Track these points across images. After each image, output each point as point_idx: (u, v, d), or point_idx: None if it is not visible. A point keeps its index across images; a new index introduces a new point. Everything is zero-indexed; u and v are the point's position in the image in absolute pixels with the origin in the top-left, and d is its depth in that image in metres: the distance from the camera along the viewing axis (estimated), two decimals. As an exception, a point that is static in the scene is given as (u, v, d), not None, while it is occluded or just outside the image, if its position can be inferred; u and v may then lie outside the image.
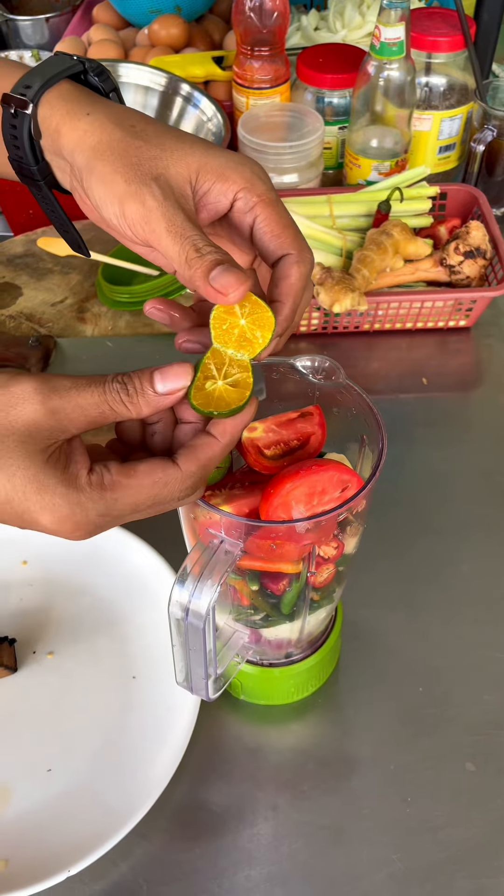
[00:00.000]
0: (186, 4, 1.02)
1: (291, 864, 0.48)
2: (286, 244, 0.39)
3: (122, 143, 0.39)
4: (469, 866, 0.48)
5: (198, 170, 0.39)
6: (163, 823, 0.49)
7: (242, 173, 0.39)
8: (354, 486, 0.40)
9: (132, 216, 0.38)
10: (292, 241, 0.39)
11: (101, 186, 0.39)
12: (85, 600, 0.58)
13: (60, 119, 0.41)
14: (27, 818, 0.49)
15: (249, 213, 0.39)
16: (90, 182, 0.39)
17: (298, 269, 0.38)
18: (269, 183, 0.40)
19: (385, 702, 0.55)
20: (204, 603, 0.38)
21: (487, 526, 0.65)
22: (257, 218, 0.39)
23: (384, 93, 0.82)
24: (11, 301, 0.77)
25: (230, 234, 0.41)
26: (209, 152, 0.39)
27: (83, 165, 0.39)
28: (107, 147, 0.39)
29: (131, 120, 0.40)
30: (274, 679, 0.52)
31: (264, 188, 0.39)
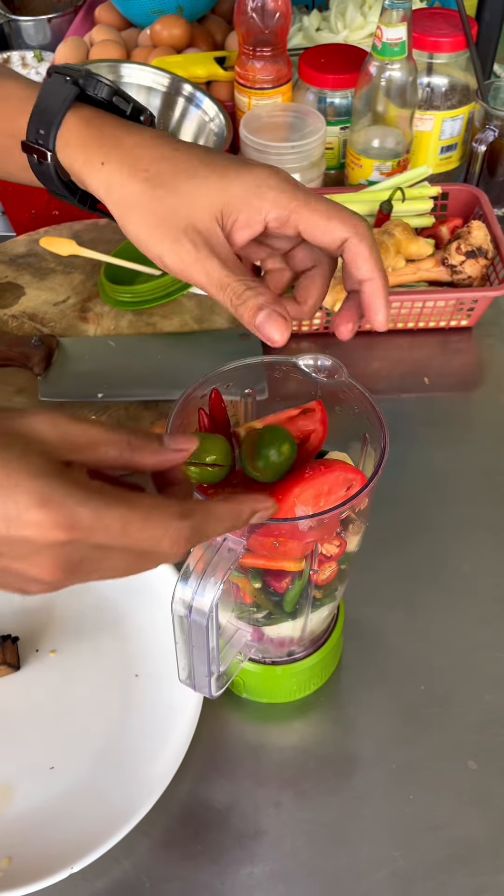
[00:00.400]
0: (188, 5, 1.02)
1: (294, 862, 0.48)
2: (339, 229, 0.40)
3: (142, 198, 0.40)
4: (470, 864, 0.48)
5: (221, 208, 0.40)
6: (165, 821, 0.49)
7: (265, 195, 0.40)
8: (358, 484, 0.40)
9: (173, 267, 0.40)
10: (343, 223, 0.40)
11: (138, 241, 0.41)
12: (88, 599, 0.59)
13: (80, 168, 0.42)
14: (30, 815, 0.49)
15: (288, 225, 0.40)
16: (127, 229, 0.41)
17: (366, 245, 0.40)
18: (292, 183, 0.40)
19: (387, 700, 0.55)
20: (207, 600, 0.38)
21: (489, 525, 0.65)
22: (300, 223, 0.40)
23: (386, 93, 0.82)
24: (14, 300, 0.78)
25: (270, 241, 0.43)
26: (225, 184, 0.40)
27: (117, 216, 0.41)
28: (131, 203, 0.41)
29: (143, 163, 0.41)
30: (276, 677, 0.52)
31: (290, 196, 0.40)
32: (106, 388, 0.69)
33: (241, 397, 0.49)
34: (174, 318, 0.76)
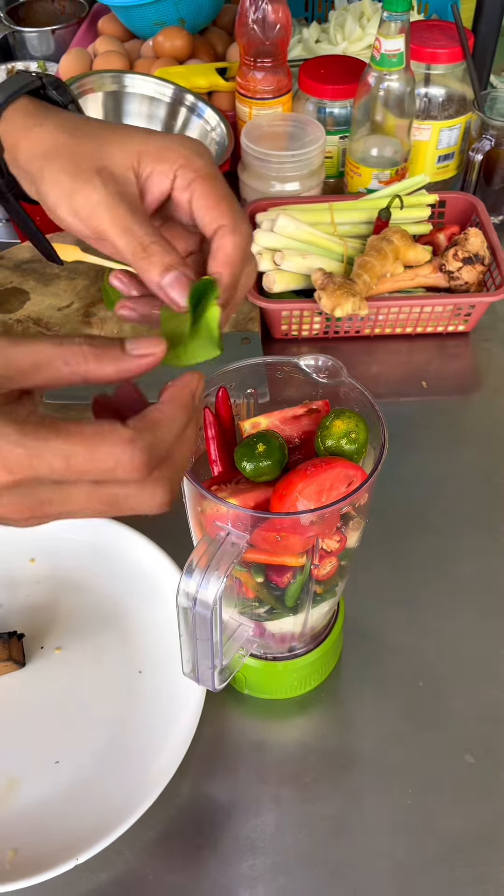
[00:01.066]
0: (190, 17, 1.04)
1: (295, 854, 0.49)
2: (220, 216, 0.39)
3: (66, 145, 0.40)
4: (469, 856, 0.49)
5: (138, 155, 0.39)
6: (168, 814, 0.50)
7: (180, 152, 0.39)
8: (359, 480, 0.41)
9: (81, 211, 0.39)
10: (227, 212, 0.39)
11: (52, 188, 0.40)
12: (92, 597, 0.59)
13: (18, 133, 0.42)
14: (35, 808, 0.50)
15: (188, 189, 0.39)
16: (43, 187, 0.40)
17: (233, 239, 0.39)
18: (209, 159, 0.40)
19: (386, 696, 0.56)
20: (211, 592, 0.39)
21: (487, 526, 0.66)
22: (194, 194, 0.39)
23: (384, 103, 0.84)
24: (19, 305, 0.79)
25: (177, 216, 0.42)
26: (149, 137, 0.40)
27: (36, 172, 0.41)
28: (53, 151, 0.40)
29: (77, 123, 0.41)
30: (277, 673, 0.53)
31: (201, 163, 0.39)
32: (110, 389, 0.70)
33: (244, 398, 0.50)
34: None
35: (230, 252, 0.39)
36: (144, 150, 0.39)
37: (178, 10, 1.02)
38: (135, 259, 0.38)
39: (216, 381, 0.47)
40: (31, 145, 0.41)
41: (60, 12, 1.24)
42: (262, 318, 0.79)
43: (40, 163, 0.40)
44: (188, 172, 0.39)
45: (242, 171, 0.89)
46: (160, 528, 0.61)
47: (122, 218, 0.38)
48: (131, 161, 0.39)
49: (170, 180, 0.40)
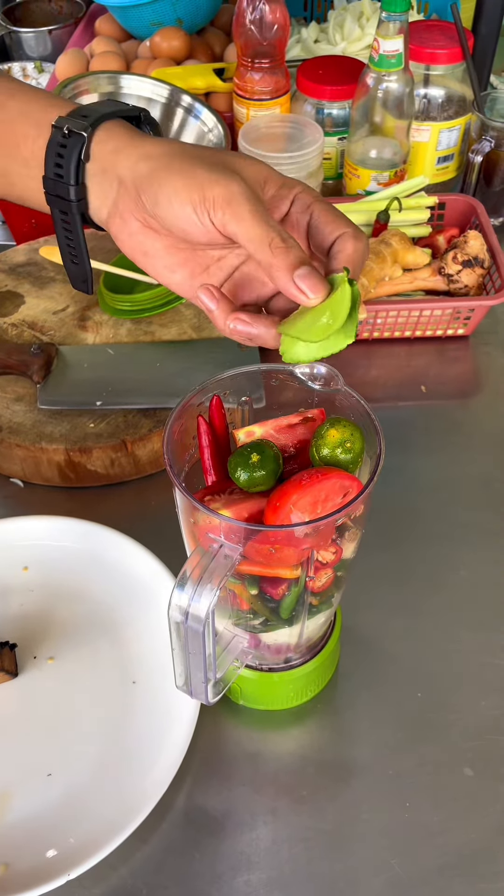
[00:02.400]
0: (187, 17, 1.03)
1: (290, 869, 0.48)
2: (341, 226, 0.42)
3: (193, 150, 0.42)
4: (468, 871, 0.48)
5: (265, 176, 0.43)
6: (162, 828, 0.49)
7: (300, 183, 0.43)
8: (355, 491, 0.41)
9: (214, 198, 0.40)
10: (347, 224, 0.42)
11: (177, 179, 0.41)
12: (85, 606, 0.59)
13: (121, 142, 0.43)
14: (27, 822, 0.49)
15: (306, 211, 0.43)
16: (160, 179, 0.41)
17: (355, 243, 0.41)
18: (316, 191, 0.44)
19: (384, 707, 0.55)
20: (203, 606, 0.38)
21: (486, 532, 0.65)
22: (314, 213, 0.42)
23: (383, 104, 0.83)
24: (14, 309, 0.78)
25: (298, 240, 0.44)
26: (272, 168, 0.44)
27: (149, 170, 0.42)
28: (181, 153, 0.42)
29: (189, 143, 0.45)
30: (273, 684, 0.52)
31: (315, 192, 0.44)
32: (104, 395, 0.69)
33: (239, 405, 0.49)
34: (172, 326, 0.76)
35: (351, 252, 0.41)
36: (271, 174, 0.43)
37: (175, 10, 1.01)
38: (272, 248, 0.39)
39: (211, 389, 0.47)
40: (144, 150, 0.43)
41: (57, 12, 1.23)
42: (260, 322, 0.78)
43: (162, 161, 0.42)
44: (307, 197, 0.43)
45: (240, 172, 0.88)
46: (155, 536, 0.60)
47: (262, 211, 0.40)
48: (260, 177, 0.42)
49: (289, 203, 0.43)
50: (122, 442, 0.66)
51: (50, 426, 0.67)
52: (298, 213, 0.43)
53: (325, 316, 0.39)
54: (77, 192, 0.44)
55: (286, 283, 0.39)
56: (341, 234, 0.41)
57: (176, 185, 0.41)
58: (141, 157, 0.42)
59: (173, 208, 0.41)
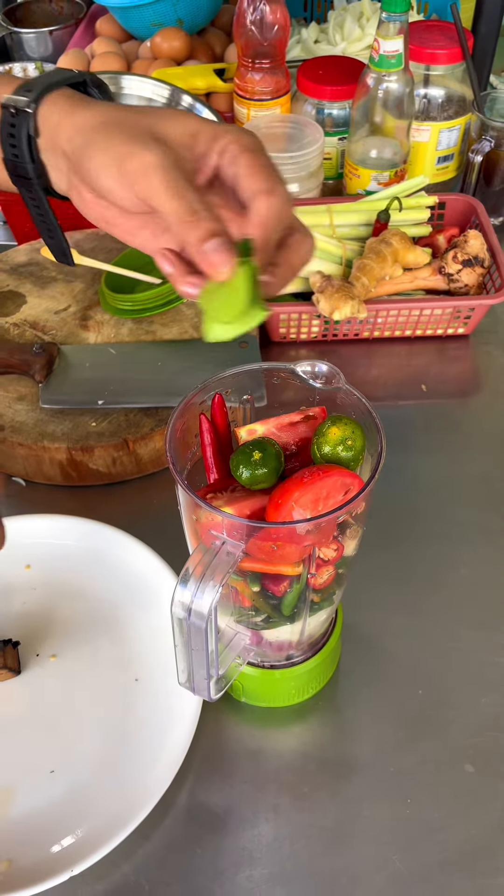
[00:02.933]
0: (188, 17, 1.04)
1: (292, 865, 0.48)
2: (257, 181, 0.39)
3: (121, 118, 0.41)
4: (468, 867, 0.48)
5: (195, 132, 0.41)
6: (165, 824, 0.50)
7: (232, 132, 0.41)
8: (356, 488, 0.41)
9: (132, 172, 0.39)
10: (264, 177, 0.39)
11: (99, 154, 0.40)
12: (88, 604, 0.59)
13: (62, 115, 0.43)
14: (30, 819, 0.49)
15: (234, 163, 0.40)
16: (88, 154, 0.41)
17: (267, 201, 0.39)
18: (255, 137, 0.41)
19: (385, 704, 0.55)
20: (206, 603, 0.38)
21: (487, 531, 0.65)
22: (239, 166, 0.40)
23: (383, 104, 0.83)
24: (16, 309, 0.78)
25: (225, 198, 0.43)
26: (204, 121, 0.41)
27: (81, 144, 0.41)
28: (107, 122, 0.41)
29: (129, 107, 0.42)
30: (275, 681, 0.53)
31: (249, 140, 0.41)
32: (106, 395, 0.70)
33: (240, 403, 0.49)
34: (174, 326, 0.77)
35: (263, 213, 0.39)
36: (201, 129, 0.41)
37: (175, 10, 1.01)
38: (181, 222, 0.38)
39: (212, 388, 0.47)
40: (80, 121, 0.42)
41: (58, 13, 1.24)
42: (261, 322, 0.79)
43: (89, 135, 0.41)
44: (235, 147, 0.40)
45: (240, 172, 0.88)
46: (157, 535, 0.60)
47: (176, 181, 0.39)
48: (187, 137, 0.41)
49: (217, 156, 0.41)
50: (123, 441, 0.66)
51: (52, 425, 0.68)
52: (227, 166, 0.41)
53: (234, 292, 0.38)
54: (35, 170, 0.44)
55: (196, 255, 0.38)
56: (256, 193, 0.39)
57: (100, 161, 0.40)
58: (76, 129, 0.42)
59: (102, 183, 0.41)
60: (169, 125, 0.41)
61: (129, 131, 0.40)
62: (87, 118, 0.42)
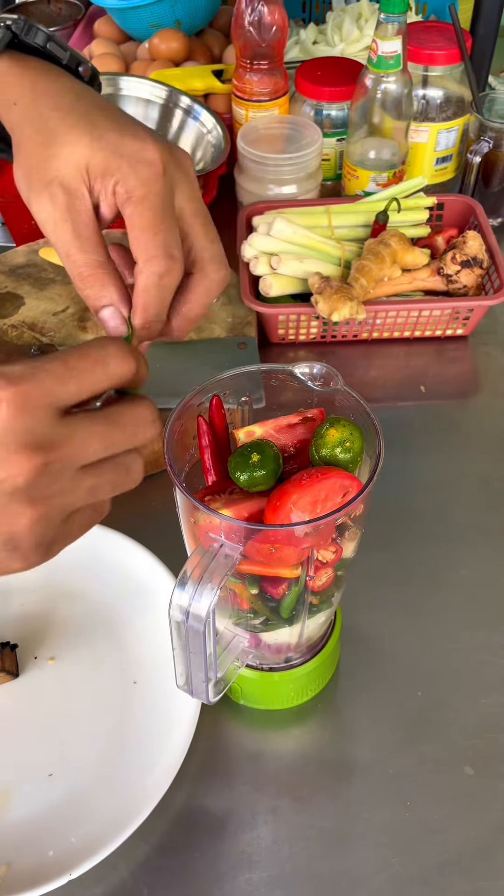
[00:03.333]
0: (186, 19, 1.03)
1: (291, 868, 0.48)
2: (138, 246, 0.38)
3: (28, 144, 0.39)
4: (468, 869, 0.48)
5: (85, 166, 0.37)
6: (163, 827, 0.49)
7: (119, 165, 0.37)
8: (355, 490, 0.41)
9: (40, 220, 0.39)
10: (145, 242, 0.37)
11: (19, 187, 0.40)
12: (86, 606, 0.59)
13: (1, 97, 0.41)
14: (28, 822, 0.49)
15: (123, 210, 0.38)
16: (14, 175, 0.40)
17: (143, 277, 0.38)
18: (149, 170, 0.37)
19: (384, 706, 0.55)
20: (204, 606, 0.38)
21: (486, 532, 0.65)
22: (126, 217, 0.38)
23: (381, 105, 0.83)
24: (14, 310, 0.78)
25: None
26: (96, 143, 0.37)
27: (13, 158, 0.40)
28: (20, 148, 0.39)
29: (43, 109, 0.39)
30: (273, 683, 0.52)
31: (135, 182, 0.37)
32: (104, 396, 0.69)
33: (238, 405, 0.49)
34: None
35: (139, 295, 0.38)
36: (91, 160, 0.37)
37: (174, 11, 1.01)
38: (76, 285, 0.38)
39: (210, 389, 0.47)
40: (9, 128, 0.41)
41: (56, 14, 1.24)
42: (259, 323, 0.79)
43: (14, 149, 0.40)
44: (122, 192, 0.37)
45: (239, 174, 0.88)
46: (155, 537, 0.60)
47: (65, 242, 0.37)
48: (81, 173, 0.38)
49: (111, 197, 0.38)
50: None
51: None
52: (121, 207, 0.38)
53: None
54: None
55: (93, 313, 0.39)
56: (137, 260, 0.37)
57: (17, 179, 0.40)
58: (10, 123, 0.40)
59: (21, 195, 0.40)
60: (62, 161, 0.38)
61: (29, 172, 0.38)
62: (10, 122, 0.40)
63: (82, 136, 0.38)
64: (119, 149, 0.37)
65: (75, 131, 0.38)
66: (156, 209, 0.37)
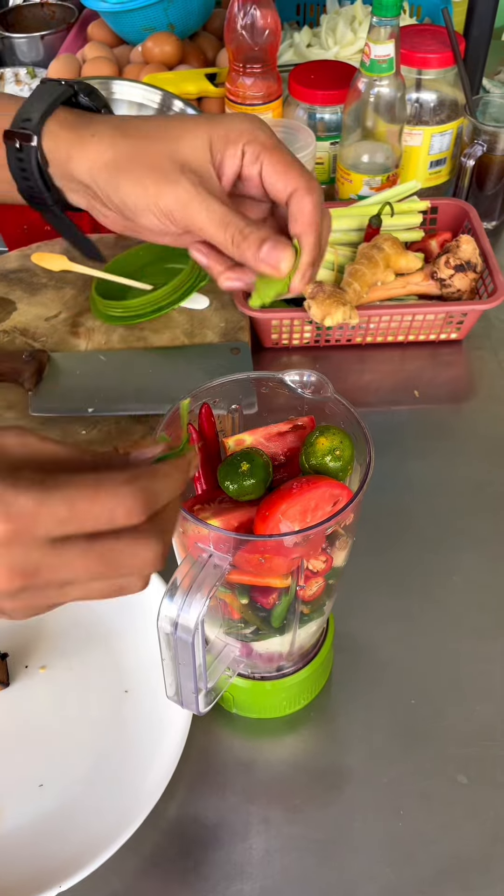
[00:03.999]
0: (179, 22, 1.03)
1: (283, 878, 0.48)
2: (292, 180, 0.41)
3: (134, 151, 0.42)
4: (461, 879, 0.48)
5: (209, 143, 0.42)
6: (155, 838, 0.49)
7: (243, 128, 0.42)
8: (345, 499, 0.41)
9: (174, 212, 0.41)
10: (297, 176, 0.42)
11: (133, 197, 0.42)
12: (77, 615, 0.58)
13: (68, 146, 0.43)
14: (18, 834, 0.49)
15: (256, 162, 0.42)
16: (120, 197, 0.42)
17: (311, 200, 0.41)
18: (269, 130, 0.43)
19: (377, 714, 0.55)
20: (193, 617, 0.38)
21: (479, 537, 0.65)
22: (263, 164, 0.42)
23: (375, 109, 0.83)
24: (5, 316, 0.78)
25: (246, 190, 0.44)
26: (212, 123, 0.42)
27: (106, 184, 0.42)
28: (123, 160, 0.42)
29: (131, 128, 0.43)
30: (266, 692, 0.52)
31: (265, 136, 0.42)
32: (97, 402, 0.69)
33: (229, 412, 0.49)
34: (165, 332, 0.76)
35: (310, 212, 0.41)
36: (213, 136, 0.42)
37: (167, 15, 1.01)
38: (235, 245, 0.41)
39: (201, 397, 0.46)
40: (91, 157, 0.42)
41: (50, 18, 1.23)
42: (252, 328, 0.78)
43: (110, 174, 0.42)
44: (255, 147, 0.42)
45: (232, 177, 0.88)
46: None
47: (217, 212, 0.41)
48: (205, 152, 0.42)
49: (239, 159, 0.42)
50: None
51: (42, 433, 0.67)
52: (249, 166, 0.42)
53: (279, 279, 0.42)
54: (52, 197, 0.45)
55: (255, 265, 0.41)
56: (294, 192, 0.42)
57: (132, 200, 0.42)
58: (93, 164, 0.42)
59: (139, 217, 0.42)
60: (184, 146, 0.41)
61: (151, 165, 0.41)
62: (100, 151, 0.42)
63: (194, 123, 0.42)
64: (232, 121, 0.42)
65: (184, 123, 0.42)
66: (286, 152, 0.42)
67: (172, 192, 0.40)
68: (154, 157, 0.41)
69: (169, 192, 0.41)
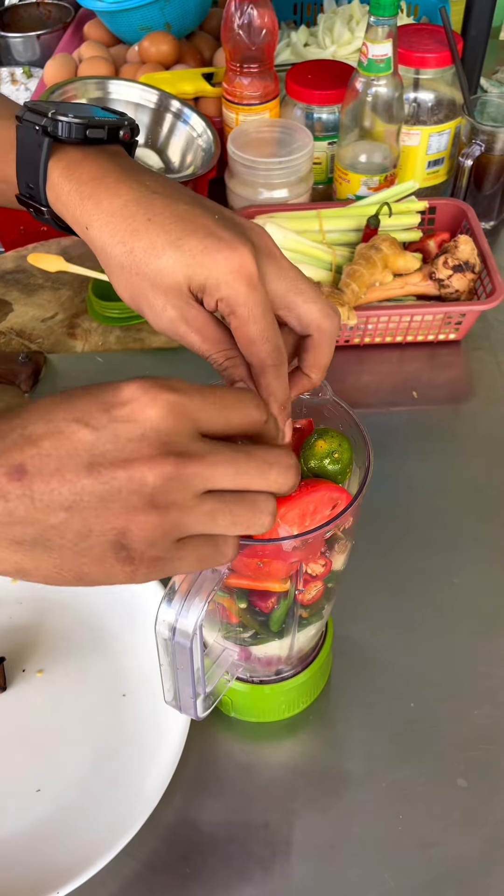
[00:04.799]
0: (176, 22, 1.03)
1: (282, 883, 0.48)
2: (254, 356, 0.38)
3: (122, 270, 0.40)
4: (461, 883, 0.47)
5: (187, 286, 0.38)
6: (153, 843, 0.49)
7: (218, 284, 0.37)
8: (344, 502, 0.40)
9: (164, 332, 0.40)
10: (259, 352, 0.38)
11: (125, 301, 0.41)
12: (75, 618, 0.58)
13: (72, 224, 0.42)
14: (15, 839, 0.48)
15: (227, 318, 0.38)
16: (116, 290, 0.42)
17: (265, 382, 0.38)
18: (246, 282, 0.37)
19: (376, 718, 0.54)
20: (191, 622, 0.37)
21: (478, 539, 0.65)
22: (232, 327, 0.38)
23: (372, 109, 0.83)
24: (2, 317, 0.78)
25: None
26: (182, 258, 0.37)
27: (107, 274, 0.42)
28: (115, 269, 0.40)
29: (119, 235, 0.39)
30: (264, 696, 0.52)
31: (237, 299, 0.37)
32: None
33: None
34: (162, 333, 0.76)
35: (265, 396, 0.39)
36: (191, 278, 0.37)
37: (163, 14, 1.01)
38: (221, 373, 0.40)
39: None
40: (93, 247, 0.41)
41: (46, 17, 1.23)
42: (250, 328, 0.78)
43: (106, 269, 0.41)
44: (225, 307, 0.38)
45: (230, 178, 0.87)
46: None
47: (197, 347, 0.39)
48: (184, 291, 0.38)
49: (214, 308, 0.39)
50: None
51: None
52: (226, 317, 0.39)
53: None
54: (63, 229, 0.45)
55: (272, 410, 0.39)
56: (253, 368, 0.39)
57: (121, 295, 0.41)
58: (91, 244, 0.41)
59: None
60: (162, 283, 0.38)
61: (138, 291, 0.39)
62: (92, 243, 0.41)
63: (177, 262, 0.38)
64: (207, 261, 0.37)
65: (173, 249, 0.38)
66: (258, 320, 0.38)
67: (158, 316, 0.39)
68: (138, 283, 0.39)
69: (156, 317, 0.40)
